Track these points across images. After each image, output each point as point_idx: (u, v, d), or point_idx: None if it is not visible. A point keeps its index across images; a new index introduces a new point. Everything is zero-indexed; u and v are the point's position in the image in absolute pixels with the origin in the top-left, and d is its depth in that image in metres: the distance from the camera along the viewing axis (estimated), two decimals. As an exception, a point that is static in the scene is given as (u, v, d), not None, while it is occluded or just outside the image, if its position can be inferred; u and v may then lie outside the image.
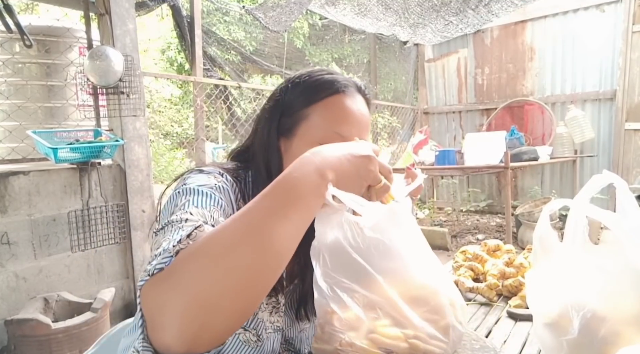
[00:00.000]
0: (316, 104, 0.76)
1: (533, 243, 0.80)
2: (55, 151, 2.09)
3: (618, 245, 0.66)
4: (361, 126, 0.77)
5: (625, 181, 0.75)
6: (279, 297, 0.81)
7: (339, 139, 0.74)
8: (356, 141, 0.66)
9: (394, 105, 6.22)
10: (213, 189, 0.69)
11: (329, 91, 0.77)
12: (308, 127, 0.76)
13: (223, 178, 0.74)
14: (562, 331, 0.71)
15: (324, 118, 0.76)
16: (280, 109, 0.79)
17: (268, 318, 0.79)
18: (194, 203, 0.63)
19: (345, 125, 0.76)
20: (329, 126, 0.75)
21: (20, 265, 2.16)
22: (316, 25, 6.55)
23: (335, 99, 0.77)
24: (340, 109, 0.76)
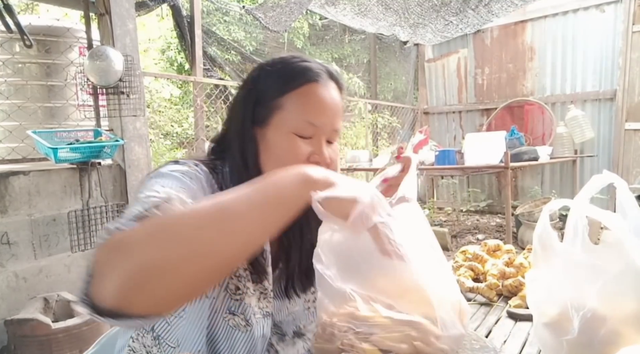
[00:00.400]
0: (290, 94, 0.76)
1: (533, 243, 0.80)
2: (55, 151, 2.09)
3: (618, 245, 0.66)
4: (335, 115, 0.78)
5: (625, 181, 0.75)
6: (265, 283, 0.82)
7: (312, 129, 0.76)
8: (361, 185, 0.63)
9: (394, 105, 6.22)
10: (184, 174, 0.70)
11: (302, 80, 0.77)
12: (282, 117, 0.76)
13: (197, 168, 0.75)
14: (562, 331, 0.71)
15: (298, 108, 0.76)
16: (254, 98, 0.79)
17: (257, 304, 0.80)
18: (161, 184, 0.65)
19: (319, 115, 0.76)
20: (302, 116, 0.75)
21: (20, 265, 2.16)
22: (316, 25, 6.55)
23: (308, 89, 0.77)
24: (314, 98, 0.77)
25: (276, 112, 0.76)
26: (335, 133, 0.79)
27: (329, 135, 0.78)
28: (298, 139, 0.75)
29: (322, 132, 0.77)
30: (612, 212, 0.69)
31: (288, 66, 0.79)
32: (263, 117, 0.77)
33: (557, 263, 0.74)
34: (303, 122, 0.75)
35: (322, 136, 0.77)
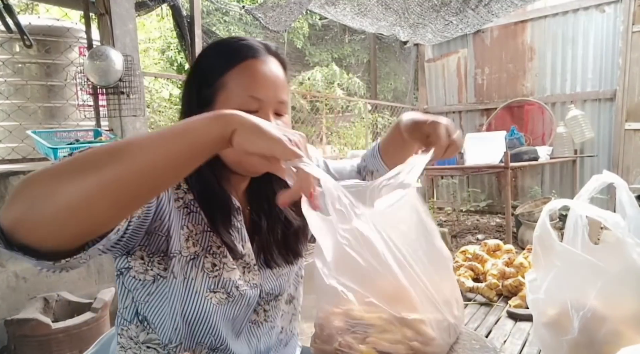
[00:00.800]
0: (231, 71, 0.78)
1: (533, 243, 0.80)
2: (55, 151, 2.09)
3: (618, 245, 0.66)
4: (277, 88, 0.79)
5: (625, 181, 0.75)
6: (246, 258, 0.84)
7: (256, 102, 0.77)
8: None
9: (394, 105, 6.22)
10: None
11: (241, 56, 0.79)
12: (226, 95, 0.78)
13: None
14: (562, 331, 0.71)
15: (240, 84, 0.77)
16: (198, 81, 0.81)
17: (241, 277, 0.82)
18: None
19: (260, 88, 0.77)
20: (244, 91, 0.77)
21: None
22: (316, 25, 6.55)
23: (248, 64, 0.78)
24: (255, 73, 0.78)
25: (220, 91, 0.78)
26: (281, 105, 0.80)
27: (275, 107, 0.79)
28: None
29: (267, 105, 0.78)
30: (612, 212, 0.69)
31: (227, 46, 0.81)
32: (209, 99, 0.79)
33: (557, 263, 0.74)
34: (246, 97, 0.77)
35: (268, 108, 0.78)
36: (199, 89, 0.80)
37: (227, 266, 0.81)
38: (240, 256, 0.83)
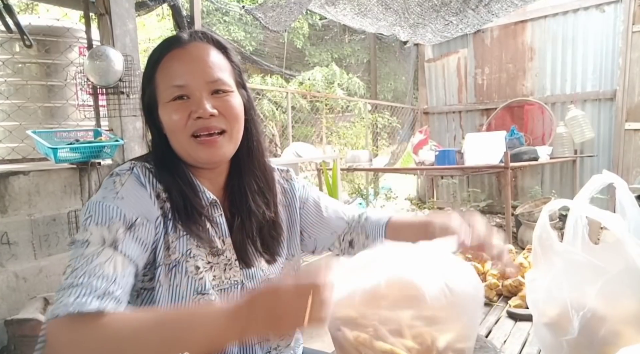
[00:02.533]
0: (157, 70, 0.81)
1: (533, 243, 0.80)
2: (55, 151, 2.09)
3: (618, 245, 0.66)
4: (203, 69, 0.79)
5: (625, 181, 0.75)
6: (227, 253, 0.84)
7: (181, 89, 0.78)
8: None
9: (394, 105, 6.22)
10: (115, 197, 0.73)
11: (161, 53, 0.81)
12: (159, 93, 0.80)
13: (131, 173, 0.78)
14: (562, 331, 0.71)
15: (164, 78, 0.79)
16: (142, 87, 0.84)
17: (222, 275, 0.82)
18: (95, 221, 0.71)
19: (181, 74, 0.78)
20: (168, 84, 0.79)
21: (20, 265, 2.16)
22: (316, 25, 6.55)
23: (168, 57, 0.80)
24: (173, 63, 0.79)
25: (156, 92, 0.81)
26: (216, 83, 0.79)
27: (209, 87, 0.79)
28: (174, 104, 0.78)
29: (193, 89, 0.78)
30: (612, 213, 0.69)
31: (153, 50, 0.83)
32: (151, 101, 0.82)
33: (557, 263, 0.74)
34: (170, 88, 0.78)
35: (199, 91, 0.78)
36: (143, 94, 0.84)
37: (203, 263, 0.80)
38: (220, 252, 0.83)
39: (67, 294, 0.63)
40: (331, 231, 1.00)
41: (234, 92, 0.83)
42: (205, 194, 0.83)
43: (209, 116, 0.77)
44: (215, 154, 0.80)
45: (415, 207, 5.87)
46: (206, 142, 0.79)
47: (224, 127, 0.80)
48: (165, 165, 0.82)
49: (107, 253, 0.68)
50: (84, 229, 0.71)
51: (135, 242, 0.72)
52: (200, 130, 0.78)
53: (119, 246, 0.70)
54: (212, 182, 0.86)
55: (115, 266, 0.68)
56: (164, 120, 0.80)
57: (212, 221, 0.83)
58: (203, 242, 0.80)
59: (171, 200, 0.79)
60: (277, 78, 6.16)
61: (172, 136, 0.80)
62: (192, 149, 0.79)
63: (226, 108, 0.80)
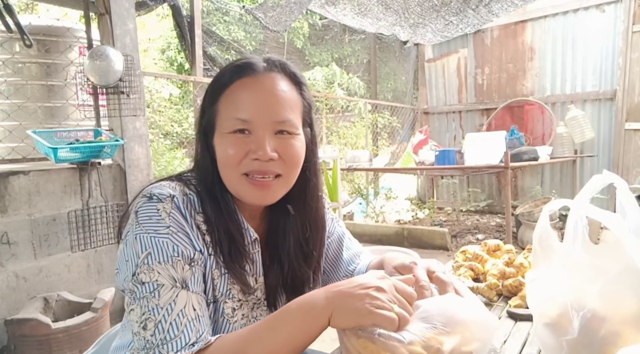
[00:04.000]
0: (222, 95, 0.75)
1: (533, 243, 0.80)
2: (55, 150, 2.09)
3: (618, 245, 0.66)
4: (271, 106, 0.74)
5: (625, 181, 0.75)
6: (257, 293, 0.81)
7: (244, 124, 0.72)
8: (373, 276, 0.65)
9: (394, 105, 6.22)
10: (168, 231, 0.69)
11: (231, 79, 0.75)
12: (219, 120, 0.75)
13: (174, 202, 0.72)
14: (562, 331, 0.71)
15: (227, 107, 0.74)
16: (203, 107, 0.79)
17: (250, 313, 0.80)
18: (156, 258, 0.67)
19: (248, 108, 0.73)
20: (231, 114, 0.73)
21: (20, 265, 2.16)
22: (316, 25, 6.54)
23: (237, 85, 0.74)
24: (242, 93, 0.74)
25: (216, 118, 0.75)
26: (283, 124, 0.74)
27: (275, 127, 0.74)
28: (233, 138, 0.73)
29: (257, 126, 0.73)
30: (612, 212, 0.69)
31: (222, 70, 0.78)
32: (209, 125, 0.77)
33: (557, 263, 0.74)
34: (232, 119, 0.73)
35: (262, 130, 0.73)
36: (202, 115, 0.79)
37: (239, 303, 0.78)
38: (252, 291, 0.79)
39: (165, 351, 0.62)
40: (342, 274, 0.96)
41: (300, 134, 0.77)
42: (249, 232, 0.78)
43: (268, 160, 0.72)
44: (265, 198, 0.76)
45: (415, 207, 5.87)
46: (259, 184, 0.74)
47: (280, 171, 0.75)
48: (211, 193, 0.77)
49: (183, 296, 0.66)
50: (148, 268, 0.66)
51: (199, 276, 0.70)
52: (254, 172, 0.73)
53: (189, 284, 0.67)
54: (252, 216, 0.82)
55: (196, 307, 0.67)
56: (219, 150, 0.75)
57: (249, 258, 0.79)
58: (239, 281, 0.77)
59: (214, 236, 0.74)
60: (277, 78, 6.16)
61: (224, 169, 0.75)
62: (241, 187, 0.74)
63: (287, 153, 0.75)
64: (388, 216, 5.46)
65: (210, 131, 0.77)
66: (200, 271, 0.71)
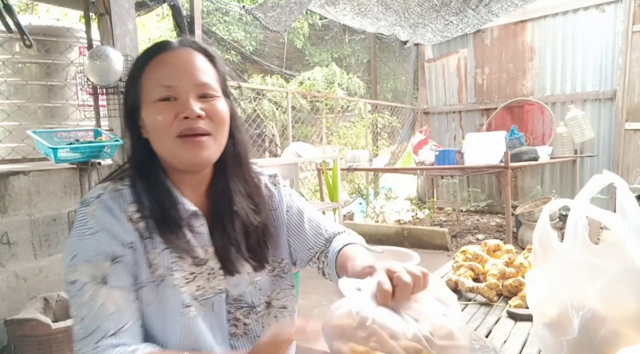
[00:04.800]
0: (144, 71, 0.81)
1: (533, 243, 0.80)
2: (55, 151, 2.09)
3: (618, 245, 0.66)
4: (192, 70, 0.80)
5: (625, 181, 0.75)
6: (210, 262, 0.83)
7: (170, 90, 0.78)
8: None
9: (394, 105, 6.22)
10: (92, 232, 0.75)
11: (150, 55, 0.81)
12: (144, 93, 0.80)
13: (100, 202, 0.77)
14: (562, 331, 0.71)
15: (151, 78, 0.80)
16: (125, 90, 0.85)
17: (205, 285, 0.82)
18: (80, 259, 0.73)
19: (171, 75, 0.79)
20: (156, 83, 0.79)
21: (20, 265, 2.16)
22: (316, 25, 6.55)
23: (157, 59, 0.81)
24: (163, 64, 0.80)
25: (140, 92, 0.81)
26: (203, 87, 0.80)
27: (197, 90, 0.79)
28: (161, 105, 0.78)
29: (182, 90, 0.78)
30: (612, 212, 0.69)
31: (143, 51, 0.84)
32: (135, 103, 0.82)
33: (557, 263, 0.74)
34: (158, 87, 0.78)
35: (186, 93, 0.78)
36: (127, 97, 0.83)
37: (192, 276, 0.80)
38: (203, 262, 0.82)
39: (86, 345, 0.69)
40: (309, 247, 0.95)
41: (221, 97, 0.83)
42: (184, 206, 0.82)
43: (196, 117, 0.77)
44: (200, 156, 0.79)
45: (415, 207, 5.87)
46: (192, 142, 0.78)
47: (210, 129, 0.79)
48: (143, 174, 0.82)
49: (104, 293, 0.71)
50: (72, 269, 0.73)
51: (124, 272, 0.75)
52: (186, 130, 0.77)
53: (111, 280, 0.73)
54: (194, 189, 0.86)
55: (116, 301, 0.72)
56: (148, 120, 0.79)
57: (193, 231, 0.82)
58: (184, 253, 0.80)
59: (146, 215, 0.79)
60: (277, 78, 6.17)
61: (157, 136, 0.79)
62: (177, 149, 0.78)
63: (213, 111, 0.80)
64: (388, 216, 5.46)
65: (137, 108, 0.81)
66: (126, 267, 0.75)
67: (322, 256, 0.95)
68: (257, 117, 5.03)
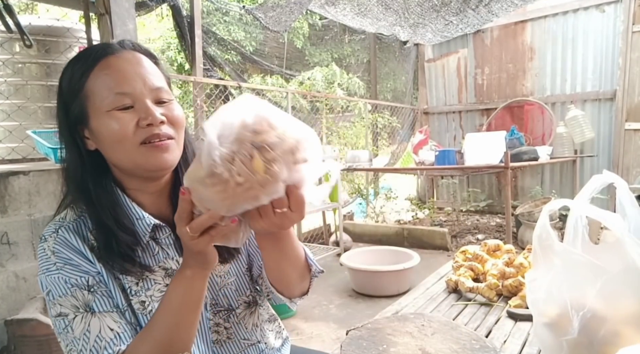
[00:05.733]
0: (89, 77, 0.74)
1: (533, 243, 0.80)
2: (55, 151, 2.09)
3: (618, 245, 0.66)
4: (145, 75, 0.75)
5: (625, 181, 0.75)
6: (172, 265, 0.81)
7: (126, 98, 0.73)
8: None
9: (394, 105, 6.22)
10: (56, 268, 0.73)
11: (93, 58, 0.75)
12: (93, 102, 0.73)
13: (58, 238, 0.74)
14: (562, 331, 0.71)
15: (102, 85, 0.73)
16: (64, 99, 0.77)
17: None
18: (56, 294, 0.72)
19: (125, 81, 0.73)
20: (110, 90, 0.73)
21: (20, 265, 2.16)
22: (316, 25, 6.55)
23: (102, 64, 0.74)
24: (113, 69, 0.74)
25: (87, 101, 0.74)
26: (159, 91, 0.76)
27: (152, 95, 0.75)
28: (119, 113, 0.73)
29: (139, 96, 0.73)
30: (612, 213, 0.69)
31: (79, 55, 0.78)
32: (80, 114, 0.75)
33: (557, 263, 0.74)
34: (113, 95, 0.72)
35: (142, 99, 0.74)
36: (66, 108, 0.76)
37: (155, 295, 0.78)
38: (172, 273, 0.79)
39: None
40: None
41: (174, 100, 0.79)
42: (145, 221, 0.78)
43: (160, 123, 0.74)
44: (167, 159, 0.76)
45: (415, 207, 5.87)
46: (157, 147, 0.74)
47: (172, 134, 0.76)
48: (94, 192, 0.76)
49: (95, 323, 0.70)
50: (52, 303, 0.72)
51: (104, 296, 0.73)
52: (151, 137, 0.73)
53: (97, 306, 0.71)
54: (156, 199, 0.82)
55: (111, 326, 0.71)
56: (102, 131, 0.73)
57: (159, 243, 0.80)
58: (154, 270, 0.78)
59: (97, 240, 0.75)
60: (277, 78, 6.17)
61: (115, 146, 0.73)
62: (141, 157, 0.74)
63: (173, 116, 0.77)
64: (388, 216, 5.46)
65: (83, 119, 0.75)
66: (104, 290, 0.73)
67: None
68: (257, 117, 5.02)
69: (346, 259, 3.34)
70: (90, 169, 0.77)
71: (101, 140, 0.74)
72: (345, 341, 0.86)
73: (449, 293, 1.35)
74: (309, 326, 2.68)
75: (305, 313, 2.92)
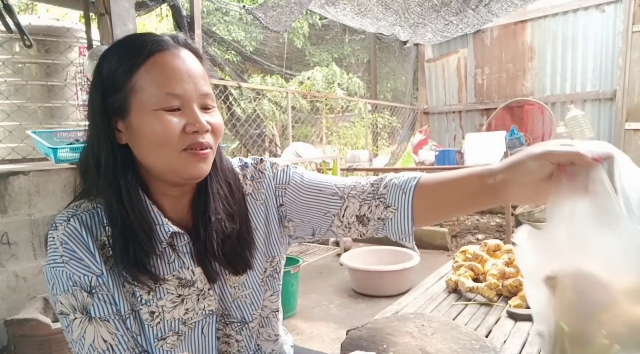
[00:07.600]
0: (138, 71, 0.69)
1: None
2: (55, 151, 2.09)
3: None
4: (196, 79, 0.72)
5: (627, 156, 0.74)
6: (198, 284, 0.78)
7: (175, 99, 0.69)
8: None
9: (394, 105, 6.22)
10: (62, 260, 0.71)
11: (147, 52, 0.70)
12: (139, 97, 0.69)
13: (68, 227, 0.71)
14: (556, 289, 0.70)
15: (152, 82, 0.69)
16: (102, 88, 0.71)
17: (195, 306, 0.77)
18: (58, 289, 0.70)
19: (177, 82, 0.70)
20: (160, 89, 0.69)
21: (20, 265, 2.16)
22: (316, 25, 6.55)
23: (156, 59, 0.70)
24: (166, 67, 0.70)
25: (131, 95, 0.70)
26: (206, 98, 0.73)
27: (200, 101, 0.72)
28: (166, 114, 0.69)
29: (188, 100, 0.70)
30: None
31: (128, 44, 0.73)
32: (120, 106, 0.70)
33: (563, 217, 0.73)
34: (163, 95, 0.69)
35: (191, 103, 0.71)
36: (104, 97, 0.71)
37: (166, 306, 0.75)
38: (190, 283, 0.77)
39: None
40: (324, 211, 0.83)
41: (216, 108, 0.77)
42: (164, 227, 0.74)
43: (205, 132, 0.71)
44: (204, 170, 0.73)
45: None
46: (198, 156, 0.71)
47: (212, 143, 0.74)
48: (118, 191, 0.72)
49: (90, 331, 0.68)
50: (55, 299, 0.70)
51: (104, 301, 0.70)
52: (194, 145, 0.70)
53: (94, 312, 0.69)
54: (174, 206, 0.78)
55: (104, 337, 0.68)
56: (146, 129, 0.69)
57: (177, 250, 0.76)
58: (140, 279, 0.73)
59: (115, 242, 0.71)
60: (277, 78, 6.17)
61: (158, 148, 0.70)
62: (181, 163, 0.70)
63: (215, 125, 0.74)
64: (388, 216, 5.45)
65: (121, 112, 0.71)
66: (106, 296, 0.70)
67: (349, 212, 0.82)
68: (257, 117, 5.03)
69: (346, 259, 3.34)
70: (120, 163, 0.72)
71: (139, 138, 0.70)
72: (345, 341, 0.87)
73: (449, 293, 1.35)
74: (309, 326, 2.68)
75: (305, 313, 2.92)
